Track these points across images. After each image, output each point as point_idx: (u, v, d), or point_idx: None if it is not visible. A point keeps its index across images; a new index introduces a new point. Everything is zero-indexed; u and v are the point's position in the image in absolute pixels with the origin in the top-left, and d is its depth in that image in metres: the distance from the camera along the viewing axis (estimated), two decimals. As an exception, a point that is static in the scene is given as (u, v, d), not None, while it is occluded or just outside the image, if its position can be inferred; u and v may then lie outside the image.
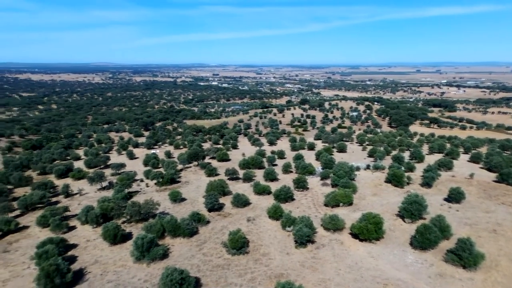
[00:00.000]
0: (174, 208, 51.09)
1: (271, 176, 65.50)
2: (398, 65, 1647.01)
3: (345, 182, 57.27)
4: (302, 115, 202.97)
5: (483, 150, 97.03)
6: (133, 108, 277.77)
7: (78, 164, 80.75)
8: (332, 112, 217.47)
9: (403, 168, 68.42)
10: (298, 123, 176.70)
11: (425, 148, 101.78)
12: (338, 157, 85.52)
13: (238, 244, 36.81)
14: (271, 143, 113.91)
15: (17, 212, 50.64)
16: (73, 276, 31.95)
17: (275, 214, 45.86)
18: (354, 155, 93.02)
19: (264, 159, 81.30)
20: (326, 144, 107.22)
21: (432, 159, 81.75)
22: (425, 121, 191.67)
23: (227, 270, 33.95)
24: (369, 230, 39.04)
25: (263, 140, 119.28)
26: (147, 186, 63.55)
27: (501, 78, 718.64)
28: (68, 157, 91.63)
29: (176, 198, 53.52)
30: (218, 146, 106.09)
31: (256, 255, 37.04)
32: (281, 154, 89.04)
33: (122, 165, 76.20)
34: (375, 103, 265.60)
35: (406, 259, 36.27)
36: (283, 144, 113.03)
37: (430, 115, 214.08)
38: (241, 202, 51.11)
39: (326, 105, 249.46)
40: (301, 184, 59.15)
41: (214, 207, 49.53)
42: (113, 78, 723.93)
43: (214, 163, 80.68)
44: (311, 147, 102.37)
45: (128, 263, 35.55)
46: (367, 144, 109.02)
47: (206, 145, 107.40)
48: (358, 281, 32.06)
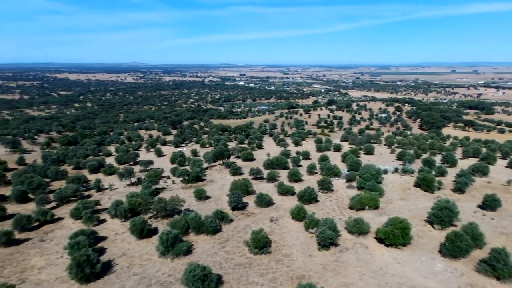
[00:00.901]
0: (199, 206, 52.04)
1: (295, 177, 65.11)
2: (431, 65, 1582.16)
3: (371, 185, 55.85)
4: (328, 116, 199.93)
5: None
6: (162, 107, 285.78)
7: (110, 160, 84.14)
8: (360, 113, 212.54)
9: (433, 172, 65.76)
10: (325, 124, 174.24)
11: (458, 152, 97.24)
12: (365, 159, 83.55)
13: (260, 243, 36.92)
14: (296, 143, 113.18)
15: (53, 204, 53.56)
16: (102, 267, 33.34)
17: (298, 215, 45.57)
18: (381, 157, 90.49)
19: (289, 160, 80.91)
20: (353, 146, 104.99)
21: (465, 163, 77.87)
22: (460, 124, 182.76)
23: (248, 269, 34.15)
24: (395, 235, 37.87)
25: (288, 140, 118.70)
26: (174, 183, 65.15)
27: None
28: (101, 153, 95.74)
29: (201, 196, 54.49)
30: (243, 145, 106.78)
31: (278, 255, 36.98)
32: (306, 155, 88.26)
33: (150, 162, 78.57)
34: (406, 104, 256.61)
35: (434, 267, 34.84)
36: (309, 145, 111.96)
37: (465, 117, 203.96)
38: (264, 202, 51.21)
39: (354, 106, 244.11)
40: (325, 186, 58.35)
41: (238, 206, 49.95)
42: (144, 78, 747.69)
43: (239, 162, 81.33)
44: (337, 148, 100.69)
45: (153, 257, 36.64)
46: (396, 147, 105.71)
47: (232, 145, 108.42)
48: (383, 287, 31.19)
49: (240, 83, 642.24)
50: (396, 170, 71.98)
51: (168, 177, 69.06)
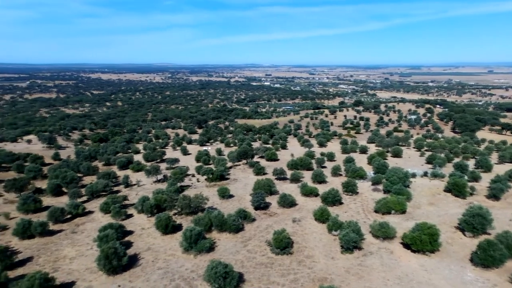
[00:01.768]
0: (222, 204, 52.65)
1: (319, 178, 64.36)
2: (466, 65, 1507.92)
3: (398, 189, 54.15)
4: (355, 117, 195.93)
5: None
6: (188, 106, 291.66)
7: (138, 157, 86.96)
8: (388, 115, 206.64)
9: (466, 177, 62.77)
10: (351, 125, 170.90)
11: (494, 157, 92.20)
12: (392, 162, 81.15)
13: (282, 244, 36.83)
14: (321, 144, 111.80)
15: (84, 198, 56.08)
16: (128, 260, 34.51)
17: (321, 216, 45.01)
18: (410, 160, 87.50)
19: (313, 161, 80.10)
20: (380, 148, 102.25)
21: (502, 169, 73.71)
22: (496, 127, 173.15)
23: (270, 269, 34.16)
24: (422, 241, 36.51)
25: (313, 141, 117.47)
26: (198, 181, 66.32)
27: None
28: (129, 151, 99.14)
29: (224, 194, 55.12)
30: (268, 145, 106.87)
31: (300, 256, 36.73)
32: (330, 156, 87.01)
33: (176, 160, 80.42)
34: (437, 106, 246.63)
35: (464, 276, 33.27)
36: (334, 146, 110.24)
37: (503, 120, 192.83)
38: (287, 202, 51.01)
39: (382, 107, 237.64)
40: (350, 188, 57.25)
41: (261, 205, 50.09)
42: (171, 78, 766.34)
43: (263, 162, 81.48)
44: (363, 150, 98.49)
45: (177, 253, 37.49)
46: (426, 150, 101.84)
47: (256, 144, 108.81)
48: (408, 294, 30.21)
49: (266, 83, 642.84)
50: (425, 174, 69.38)
51: (193, 175, 70.38)
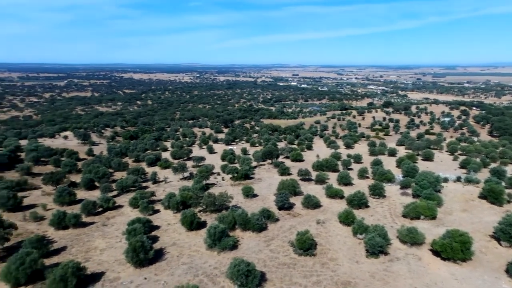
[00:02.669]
0: (246, 203, 52.99)
1: (345, 180, 63.18)
2: (507, 65, 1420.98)
3: (428, 194, 52.05)
4: (384, 118, 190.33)
5: None
6: (215, 106, 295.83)
7: (165, 155, 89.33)
8: (419, 117, 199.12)
9: (503, 184, 59.30)
10: (379, 127, 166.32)
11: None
12: (422, 165, 78.16)
13: (305, 245, 36.54)
14: (348, 146, 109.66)
15: (114, 193, 58.39)
16: (154, 254, 35.59)
17: (346, 219, 44.20)
18: (442, 165, 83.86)
19: (339, 162, 78.73)
20: (410, 151, 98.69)
21: (544, 176, 68.91)
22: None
23: (292, 269, 33.99)
24: (453, 248, 34.92)
25: (340, 142, 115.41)
26: (223, 180, 67.13)
27: None
28: (158, 148, 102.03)
29: (249, 193, 55.43)
30: (293, 146, 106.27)
31: (324, 258, 36.26)
32: (357, 158, 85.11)
33: (202, 158, 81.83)
34: (473, 108, 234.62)
35: (499, 288, 31.50)
36: (361, 148, 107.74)
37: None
38: (311, 203, 50.51)
39: (413, 108, 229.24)
40: (377, 191, 55.75)
41: (284, 205, 49.92)
42: (199, 78, 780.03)
43: (288, 162, 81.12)
44: (392, 153, 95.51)
45: (201, 249, 38.19)
46: (460, 154, 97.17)
47: (281, 145, 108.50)
48: (436, 303, 29.02)
49: (292, 83, 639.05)
50: (458, 179, 66.24)
51: (218, 174, 71.33)
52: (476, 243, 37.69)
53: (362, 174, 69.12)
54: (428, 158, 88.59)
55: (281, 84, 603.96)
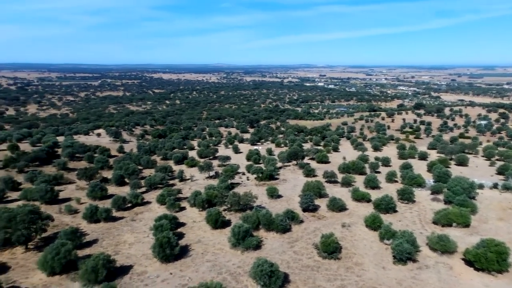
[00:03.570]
0: (270, 203, 52.99)
1: (372, 183, 61.63)
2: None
3: (462, 200, 49.68)
4: (415, 120, 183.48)
5: None
6: (241, 106, 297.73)
7: (192, 154, 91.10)
8: (453, 119, 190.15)
9: (546, 192, 55.50)
10: (410, 129, 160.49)
11: None
12: (456, 170, 74.71)
13: (330, 248, 36.02)
14: (376, 148, 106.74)
15: (143, 189, 60.30)
16: (180, 250, 36.48)
17: (373, 223, 43.12)
18: (477, 170, 79.70)
19: (366, 165, 76.91)
20: (442, 155, 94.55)
21: None
22: None
23: (316, 272, 33.62)
24: (488, 259, 33.13)
25: (367, 145, 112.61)
26: (248, 180, 67.52)
27: None
28: (185, 147, 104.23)
29: (273, 194, 55.41)
30: (319, 147, 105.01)
31: (348, 263, 35.59)
32: (386, 161, 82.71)
33: (228, 158, 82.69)
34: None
35: (539, 303, 29.52)
36: (390, 151, 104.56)
37: None
38: (337, 206, 49.70)
39: (447, 110, 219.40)
40: (406, 196, 53.95)
41: (309, 207, 49.46)
42: (226, 78, 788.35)
43: (313, 164, 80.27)
44: (423, 156, 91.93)
45: (225, 247, 38.63)
46: (497, 159, 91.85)
47: (307, 146, 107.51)
48: (468, 315, 27.66)
49: (319, 84, 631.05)
50: (495, 186, 62.71)
51: (243, 173, 71.81)
52: (514, 254, 35.50)
53: (391, 178, 67.12)
54: (462, 163, 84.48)
55: (307, 84, 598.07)
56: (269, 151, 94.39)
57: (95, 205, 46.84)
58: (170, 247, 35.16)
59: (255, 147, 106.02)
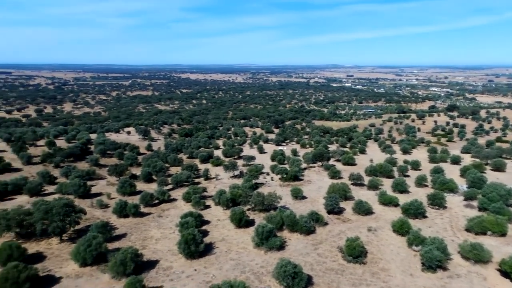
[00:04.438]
0: (294, 204, 52.67)
1: (400, 187, 59.73)
2: None
3: (498, 207, 47.08)
4: (447, 123, 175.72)
5: None
6: (267, 106, 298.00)
7: (217, 153, 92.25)
8: (489, 122, 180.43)
9: None
10: (442, 132, 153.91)
11: None
12: (492, 176, 70.89)
13: (355, 252, 35.30)
14: (405, 151, 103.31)
15: (170, 186, 61.84)
16: (204, 247, 37.07)
17: (401, 228, 41.78)
18: (516, 176, 75.12)
19: (395, 168, 74.64)
20: (477, 160, 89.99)
21: None
22: None
23: (340, 276, 33.06)
24: (527, 271, 31.18)
25: (396, 147, 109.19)
26: (272, 180, 67.46)
27: None
28: (210, 146, 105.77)
29: (297, 195, 55.05)
30: (345, 149, 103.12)
31: (374, 268, 34.70)
32: (415, 165, 79.82)
33: (252, 158, 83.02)
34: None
35: None
36: (420, 154, 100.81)
37: None
38: (363, 209, 48.61)
39: (482, 113, 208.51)
40: (437, 201, 51.84)
41: (334, 210, 48.72)
42: (252, 78, 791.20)
43: (339, 165, 78.95)
44: (456, 160, 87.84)
45: (249, 247, 38.82)
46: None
47: (332, 147, 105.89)
48: (503, 330, 26.18)
49: (347, 84, 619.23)
50: (535, 194, 58.80)
51: (268, 174, 71.85)
52: (556, 268, 33.17)
53: (420, 182, 64.77)
54: (499, 168, 79.93)
55: (334, 85, 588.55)
56: (294, 152, 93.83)
57: (124, 200, 48.63)
58: (195, 244, 35.82)
59: (280, 147, 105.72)
